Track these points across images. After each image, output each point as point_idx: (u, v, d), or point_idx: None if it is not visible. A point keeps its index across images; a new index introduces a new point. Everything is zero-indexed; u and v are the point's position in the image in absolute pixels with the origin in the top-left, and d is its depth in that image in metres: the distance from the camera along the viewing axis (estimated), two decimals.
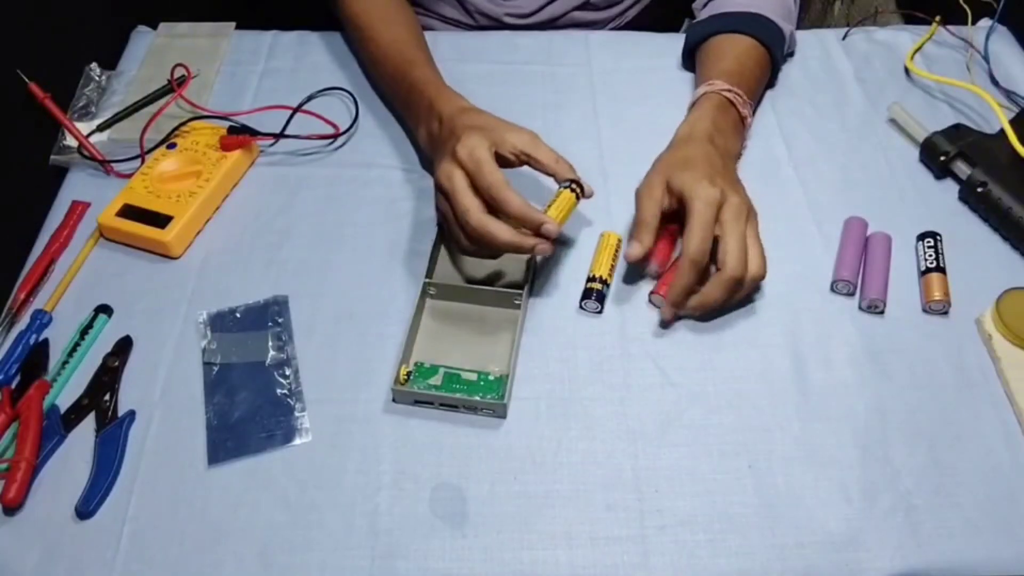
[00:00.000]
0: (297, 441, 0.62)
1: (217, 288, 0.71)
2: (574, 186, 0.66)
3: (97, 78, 0.88)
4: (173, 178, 0.76)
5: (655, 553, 0.56)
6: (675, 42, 0.93)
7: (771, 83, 0.87)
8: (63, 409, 0.63)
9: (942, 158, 0.77)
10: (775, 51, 0.81)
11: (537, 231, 0.63)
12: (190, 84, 0.86)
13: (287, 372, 0.65)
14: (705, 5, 0.87)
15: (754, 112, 0.82)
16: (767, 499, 0.59)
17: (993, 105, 0.77)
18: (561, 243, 0.74)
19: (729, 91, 0.75)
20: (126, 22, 0.96)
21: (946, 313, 0.69)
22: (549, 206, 0.65)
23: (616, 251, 0.71)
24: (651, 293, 0.69)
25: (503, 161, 0.66)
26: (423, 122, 0.74)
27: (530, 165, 0.67)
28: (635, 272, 0.71)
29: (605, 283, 0.69)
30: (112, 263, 0.73)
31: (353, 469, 0.60)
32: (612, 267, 0.70)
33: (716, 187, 0.64)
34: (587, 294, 0.68)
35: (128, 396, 0.64)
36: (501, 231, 0.62)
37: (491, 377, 0.64)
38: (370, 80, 0.88)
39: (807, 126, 0.84)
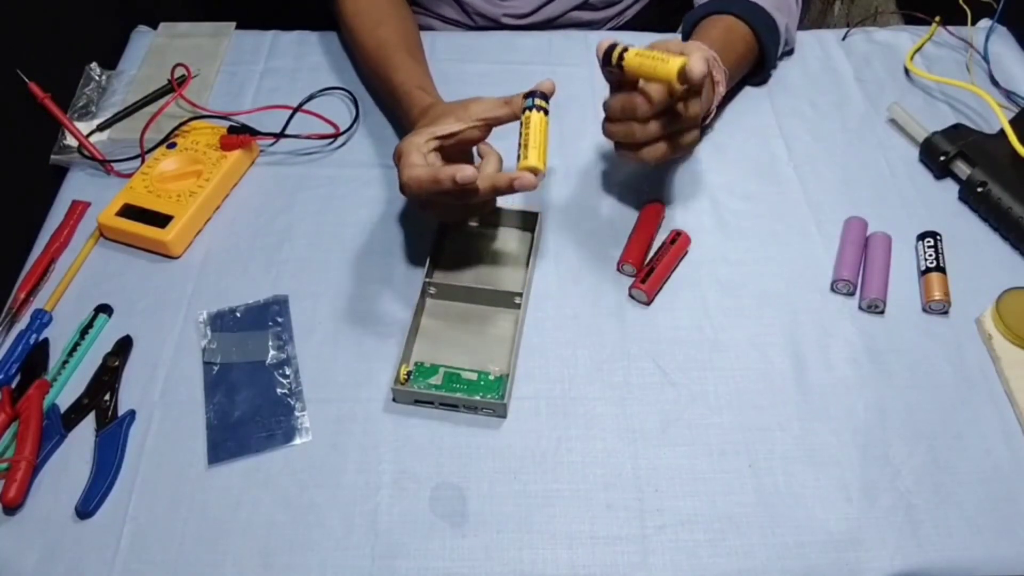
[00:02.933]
0: (297, 441, 0.62)
1: (217, 288, 0.71)
2: (537, 101, 0.61)
3: (97, 78, 0.88)
4: (173, 178, 0.76)
5: (655, 552, 0.56)
6: None
7: (767, 78, 0.87)
8: (63, 409, 0.63)
9: (942, 158, 0.77)
10: (762, 35, 0.81)
11: (511, 187, 0.60)
12: (190, 84, 0.86)
13: (287, 372, 0.65)
14: None
15: (732, 90, 0.83)
16: (767, 499, 0.59)
17: (993, 105, 0.77)
18: (560, 243, 0.74)
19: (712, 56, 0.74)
20: (126, 22, 0.96)
21: (946, 313, 0.69)
22: (525, 145, 0.60)
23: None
24: (620, 264, 0.71)
25: (467, 143, 0.66)
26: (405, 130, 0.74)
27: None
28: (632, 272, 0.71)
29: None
30: (112, 263, 0.73)
31: (353, 469, 0.60)
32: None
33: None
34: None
35: (128, 396, 0.64)
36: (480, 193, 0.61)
37: (491, 377, 0.64)
38: (363, 82, 0.88)
39: (807, 126, 0.84)
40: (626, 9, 1.02)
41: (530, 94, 0.62)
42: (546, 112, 0.62)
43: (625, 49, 0.60)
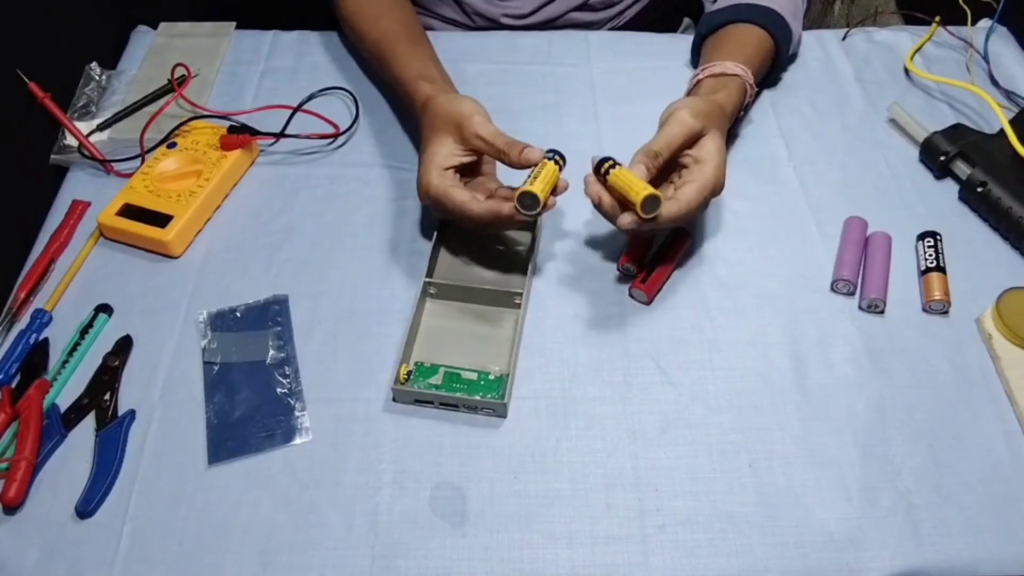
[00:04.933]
0: (297, 440, 0.62)
1: (217, 287, 0.71)
2: (556, 157, 0.65)
3: (97, 77, 0.88)
4: (173, 177, 0.76)
5: (655, 552, 0.56)
6: (675, 42, 0.93)
7: (773, 83, 0.87)
8: (63, 408, 0.63)
9: (942, 158, 0.77)
10: (782, 49, 0.82)
11: (514, 219, 0.64)
12: (190, 84, 0.86)
13: (287, 371, 0.65)
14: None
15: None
16: (767, 498, 0.59)
17: (993, 105, 0.77)
18: (560, 243, 0.74)
19: (752, 87, 0.77)
20: (126, 22, 0.96)
21: (946, 313, 0.69)
22: (534, 178, 0.64)
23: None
24: (620, 264, 0.71)
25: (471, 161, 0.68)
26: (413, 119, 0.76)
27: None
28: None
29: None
30: (112, 263, 0.73)
31: (353, 468, 0.60)
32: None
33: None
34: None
35: (128, 395, 0.64)
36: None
37: (491, 376, 0.64)
38: (370, 78, 0.89)
39: (807, 126, 0.84)
40: (626, 10, 1.02)
41: (550, 151, 0.66)
42: (560, 167, 0.66)
43: (612, 166, 0.64)
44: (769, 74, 0.85)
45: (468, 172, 0.71)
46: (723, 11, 0.83)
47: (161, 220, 0.72)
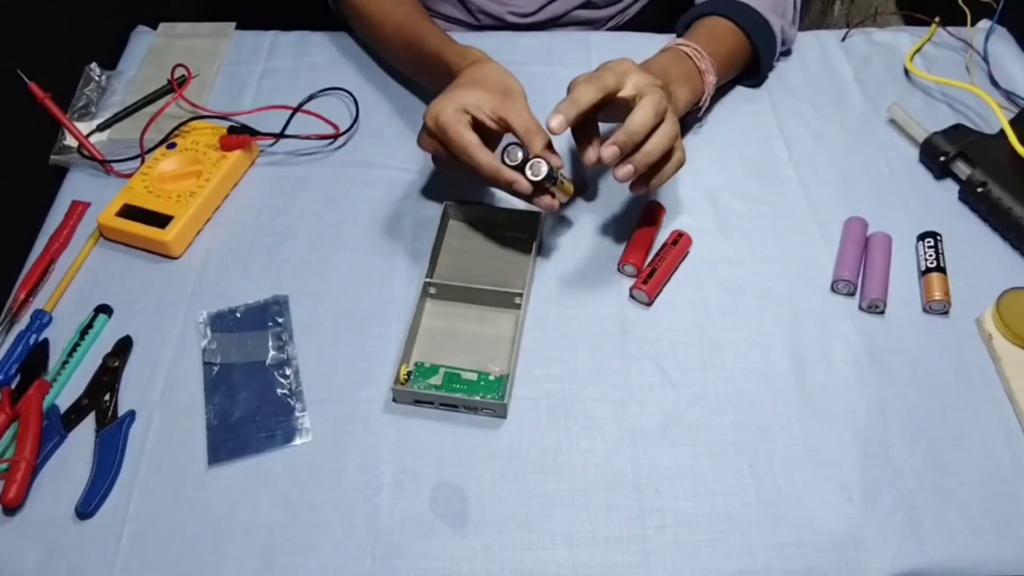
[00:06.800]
0: (297, 441, 0.62)
1: (217, 288, 0.71)
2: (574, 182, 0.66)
3: (97, 78, 0.88)
4: (173, 178, 0.76)
5: (656, 553, 0.56)
6: None
7: (764, 79, 0.87)
8: (63, 409, 0.63)
9: (942, 158, 0.77)
10: (752, 33, 0.81)
11: (509, 188, 0.64)
12: (190, 84, 0.86)
13: (287, 372, 0.65)
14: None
15: (728, 87, 0.84)
16: (768, 499, 0.59)
17: (993, 106, 0.77)
18: (560, 243, 0.74)
19: (687, 46, 0.76)
20: (126, 22, 0.96)
21: (946, 313, 0.69)
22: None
23: None
24: (621, 264, 0.71)
25: (483, 125, 0.66)
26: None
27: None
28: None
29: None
30: (112, 263, 0.73)
31: (353, 469, 0.60)
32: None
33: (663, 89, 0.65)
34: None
35: (128, 396, 0.64)
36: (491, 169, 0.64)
37: (491, 377, 0.64)
38: (383, 63, 0.89)
39: (807, 126, 0.84)
40: (628, 7, 1.02)
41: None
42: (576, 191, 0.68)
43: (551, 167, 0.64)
44: (756, 65, 0.85)
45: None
46: (692, 9, 0.84)
47: (161, 220, 0.72)
